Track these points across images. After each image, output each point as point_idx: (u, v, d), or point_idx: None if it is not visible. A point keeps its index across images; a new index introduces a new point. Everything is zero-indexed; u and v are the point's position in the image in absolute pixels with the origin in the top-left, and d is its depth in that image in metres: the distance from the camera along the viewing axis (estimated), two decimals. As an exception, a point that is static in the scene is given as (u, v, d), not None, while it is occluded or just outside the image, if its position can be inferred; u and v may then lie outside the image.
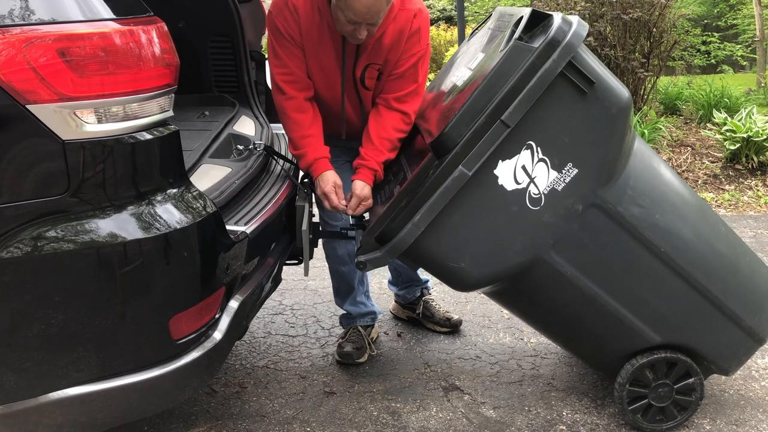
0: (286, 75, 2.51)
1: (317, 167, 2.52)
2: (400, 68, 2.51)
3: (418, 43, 2.49)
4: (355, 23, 2.32)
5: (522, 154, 2.08)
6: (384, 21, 2.41)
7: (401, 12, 2.45)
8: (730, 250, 2.42)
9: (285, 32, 2.46)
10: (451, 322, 3.13)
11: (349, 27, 2.35)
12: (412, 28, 2.46)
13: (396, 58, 2.49)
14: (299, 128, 2.53)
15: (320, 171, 2.52)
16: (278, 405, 2.60)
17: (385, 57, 2.50)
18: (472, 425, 2.47)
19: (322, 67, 2.53)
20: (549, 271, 2.21)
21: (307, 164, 2.54)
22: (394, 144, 2.53)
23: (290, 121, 2.54)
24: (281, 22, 2.45)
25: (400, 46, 2.48)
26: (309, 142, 2.53)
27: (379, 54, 2.50)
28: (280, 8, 2.46)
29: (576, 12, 5.98)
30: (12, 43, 1.50)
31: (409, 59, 2.50)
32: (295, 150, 2.57)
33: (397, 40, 2.46)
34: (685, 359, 2.33)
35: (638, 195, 2.22)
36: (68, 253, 1.60)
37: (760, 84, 9.33)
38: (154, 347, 1.76)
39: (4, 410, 1.66)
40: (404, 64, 2.50)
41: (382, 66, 2.53)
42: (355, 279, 2.87)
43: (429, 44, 2.58)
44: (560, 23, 2.03)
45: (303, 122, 2.53)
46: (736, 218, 4.77)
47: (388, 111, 2.54)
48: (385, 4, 2.30)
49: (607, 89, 2.11)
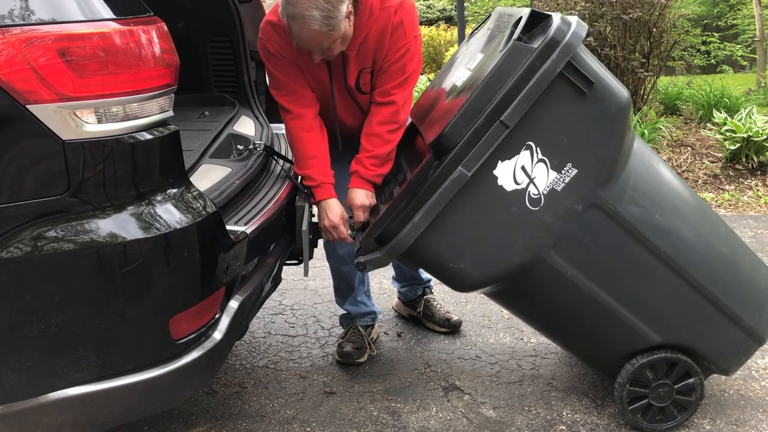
0: (288, 94, 2.52)
1: (322, 192, 2.50)
2: (387, 63, 2.49)
3: (403, 37, 2.46)
4: (305, 49, 2.36)
5: (521, 155, 2.08)
6: (365, 24, 2.41)
7: (382, 11, 2.43)
8: (730, 250, 2.42)
9: (277, 53, 2.47)
10: (450, 322, 3.13)
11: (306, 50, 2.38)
12: (394, 22, 2.44)
13: (383, 55, 2.48)
14: (306, 148, 2.52)
15: (325, 197, 2.50)
16: (278, 405, 2.60)
17: (373, 57, 2.49)
18: (472, 425, 2.47)
19: (318, 81, 2.54)
20: (549, 272, 2.21)
21: (311, 186, 2.52)
22: (383, 138, 2.49)
23: (297, 140, 2.54)
24: (272, 45, 2.47)
25: (385, 44, 2.46)
26: (314, 163, 2.52)
27: (366, 57, 2.49)
28: (269, 32, 2.48)
29: (576, 12, 5.98)
30: (12, 43, 1.50)
31: (395, 53, 2.47)
32: (300, 170, 2.54)
33: (381, 38, 2.45)
34: (686, 359, 2.33)
35: (638, 195, 2.22)
36: (68, 253, 1.60)
37: (760, 84, 9.33)
38: (154, 347, 1.76)
39: (4, 410, 1.66)
40: (391, 58, 2.48)
41: (372, 66, 2.52)
42: (355, 279, 2.88)
43: (417, 34, 2.53)
44: (559, 24, 2.03)
45: (310, 141, 2.52)
46: (736, 218, 4.77)
47: (374, 107, 2.54)
48: (324, 35, 2.27)
49: (607, 89, 2.11)
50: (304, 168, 2.53)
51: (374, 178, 2.50)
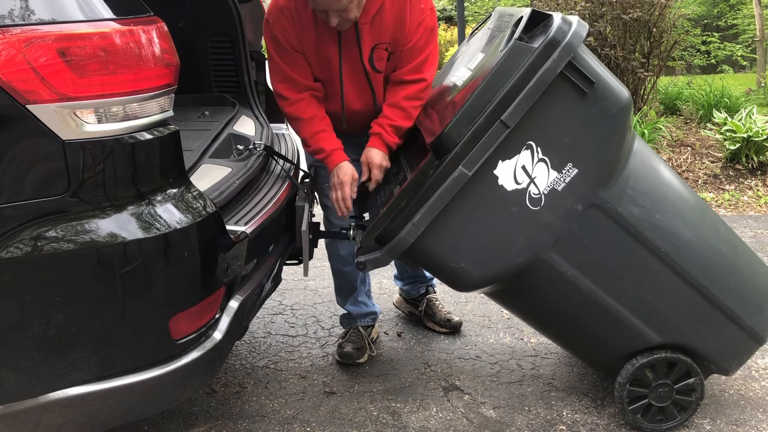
0: (286, 82, 2.52)
1: (334, 158, 2.52)
2: (411, 41, 2.48)
3: (422, 12, 2.47)
4: (322, 11, 2.34)
5: (522, 154, 2.08)
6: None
7: None
8: (730, 249, 2.42)
9: (283, 41, 2.47)
10: (451, 323, 3.13)
11: (322, 15, 2.36)
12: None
13: (404, 33, 2.47)
14: (309, 127, 2.54)
15: (337, 161, 2.52)
16: (278, 405, 2.60)
17: (392, 35, 2.48)
18: (472, 425, 2.47)
19: (328, 61, 2.52)
20: (549, 272, 2.21)
21: (323, 157, 2.54)
22: (407, 113, 2.50)
23: (299, 123, 2.55)
24: (279, 32, 2.47)
25: (405, 20, 2.45)
26: (322, 136, 2.54)
27: (383, 32, 2.47)
28: (276, 16, 2.47)
29: (576, 12, 5.98)
30: (12, 43, 1.50)
31: (417, 29, 2.47)
32: (308, 147, 2.58)
33: (400, 14, 2.44)
34: (686, 359, 2.33)
35: (638, 195, 2.22)
36: (68, 253, 1.60)
37: (760, 84, 9.33)
38: (154, 347, 1.76)
39: (4, 410, 1.66)
40: (414, 34, 2.47)
41: (390, 44, 2.50)
42: (357, 279, 2.88)
43: (433, 8, 2.54)
44: (560, 23, 2.03)
45: (312, 119, 2.54)
46: (736, 218, 4.77)
47: (401, 85, 2.53)
48: None
49: (607, 89, 2.11)
50: (313, 143, 2.55)
51: (392, 144, 2.52)
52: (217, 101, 3.09)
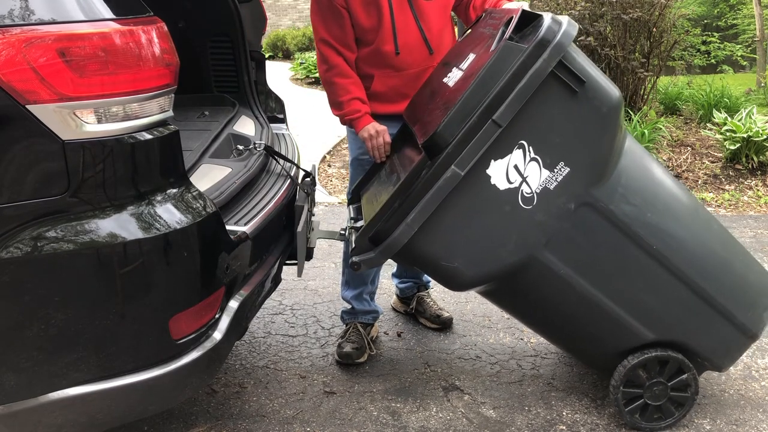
0: (327, 46, 2.66)
1: (366, 119, 2.67)
2: None
3: None
4: None
5: (514, 154, 2.08)
6: None
7: None
8: (722, 247, 2.42)
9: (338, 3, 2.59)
10: (440, 319, 3.14)
11: None
12: None
13: None
14: (344, 92, 2.67)
15: (370, 121, 2.67)
16: (278, 405, 2.60)
17: None
18: (472, 425, 2.47)
19: (377, 6, 2.60)
20: (542, 270, 2.21)
21: (357, 116, 2.67)
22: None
23: (335, 87, 2.69)
24: None
25: None
26: (356, 101, 2.67)
27: None
28: None
29: (576, 12, 5.99)
30: (12, 43, 1.50)
31: None
32: (340, 110, 2.70)
33: None
34: (676, 356, 2.34)
35: (630, 193, 2.22)
36: (68, 254, 1.60)
37: (760, 84, 9.34)
38: (154, 347, 1.76)
39: (4, 410, 1.66)
40: None
41: None
42: (369, 276, 2.90)
43: None
44: (550, 23, 2.04)
45: (347, 85, 2.67)
46: (736, 218, 4.77)
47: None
48: None
49: (598, 88, 2.11)
50: (344, 107, 2.68)
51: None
52: (217, 101, 3.09)
